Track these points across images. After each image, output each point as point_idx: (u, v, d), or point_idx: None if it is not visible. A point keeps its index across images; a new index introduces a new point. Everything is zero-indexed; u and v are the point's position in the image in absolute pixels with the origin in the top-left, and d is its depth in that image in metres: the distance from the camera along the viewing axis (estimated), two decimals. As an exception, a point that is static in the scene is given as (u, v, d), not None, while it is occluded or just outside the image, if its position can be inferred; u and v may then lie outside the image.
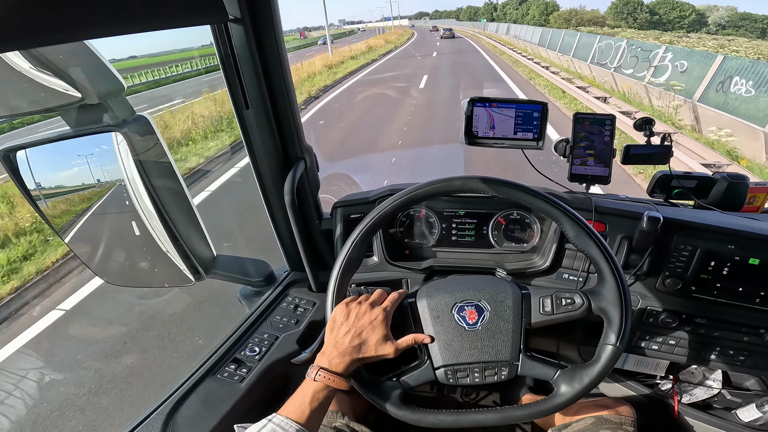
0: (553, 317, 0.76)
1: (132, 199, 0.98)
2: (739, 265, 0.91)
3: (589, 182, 1.07)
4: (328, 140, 6.90)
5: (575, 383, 0.71)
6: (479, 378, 0.75)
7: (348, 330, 0.74)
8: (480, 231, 1.17)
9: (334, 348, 0.73)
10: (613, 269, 0.73)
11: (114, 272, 1.16)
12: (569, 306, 0.75)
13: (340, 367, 0.71)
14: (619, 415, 0.94)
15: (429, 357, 0.77)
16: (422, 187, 0.79)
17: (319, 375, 0.70)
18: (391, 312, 0.78)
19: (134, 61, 18.35)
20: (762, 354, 0.99)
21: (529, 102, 1.06)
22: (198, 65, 17.81)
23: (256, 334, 1.10)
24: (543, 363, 0.74)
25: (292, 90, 1.01)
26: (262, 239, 2.99)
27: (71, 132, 0.85)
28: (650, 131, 1.06)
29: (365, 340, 0.73)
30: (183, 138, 7.51)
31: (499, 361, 0.75)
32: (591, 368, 0.71)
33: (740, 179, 1.12)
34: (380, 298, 0.80)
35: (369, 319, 0.75)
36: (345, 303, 0.78)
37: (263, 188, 1.11)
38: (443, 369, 0.76)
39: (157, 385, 2.54)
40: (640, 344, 1.06)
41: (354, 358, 0.72)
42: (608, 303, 0.73)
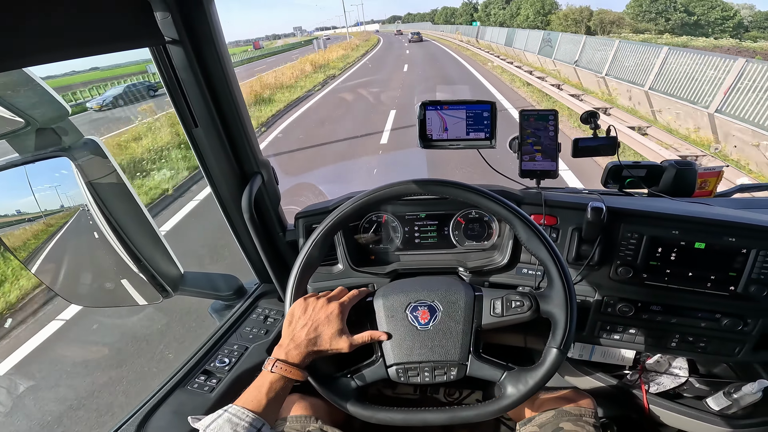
0: (502, 319, 0.77)
1: (95, 221, 0.99)
2: (686, 250, 0.93)
3: (539, 177, 1.09)
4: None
5: (520, 385, 0.72)
6: (429, 377, 0.76)
7: (305, 324, 0.76)
8: (441, 232, 1.18)
9: (291, 341, 0.75)
10: (560, 272, 0.74)
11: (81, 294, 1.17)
12: (518, 309, 0.76)
13: (297, 359, 0.73)
14: (579, 407, 0.95)
15: (382, 355, 0.78)
16: (379, 189, 0.81)
17: (276, 366, 0.72)
18: (348, 308, 0.80)
19: (76, 77, 17.40)
20: (722, 339, 0.99)
21: (477, 102, 1.09)
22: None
23: (225, 345, 1.12)
24: (491, 365, 0.75)
25: (243, 105, 1.03)
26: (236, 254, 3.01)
27: (20, 159, 0.85)
28: (596, 124, 1.08)
29: (320, 333, 0.75)
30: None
31: (448, 361, 0.76)
32: (536, 371, 0.72)
33: (687, 165, 1.14)
34: (339, 294, 0.82)
35: (325, 314, 0.76)
36: (304, 298, 0.80)
37: (222, 205, 1.13)
38: (395, 367, 0.77)
39: (121, 398, 2.56)
40: (602, 335, 1.06)
41: (309, 351, 0.74)
42: (555, 306, 0.74)
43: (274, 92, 13.89)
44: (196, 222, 5.02)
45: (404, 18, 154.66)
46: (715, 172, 1.19)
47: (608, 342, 1.06)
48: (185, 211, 5.30)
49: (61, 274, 1.13)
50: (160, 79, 0.92)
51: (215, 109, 0.97)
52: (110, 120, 11.26)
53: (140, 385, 2.66)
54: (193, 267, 1.20)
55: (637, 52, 8.89)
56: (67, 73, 16.24)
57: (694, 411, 1.06)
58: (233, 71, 0.97)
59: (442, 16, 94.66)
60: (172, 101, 0.93)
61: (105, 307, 2.59)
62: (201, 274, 1.28)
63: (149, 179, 6.37)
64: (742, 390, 0.96)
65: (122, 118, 10.72)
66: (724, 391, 1.02)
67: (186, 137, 1.00)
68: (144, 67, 16.38)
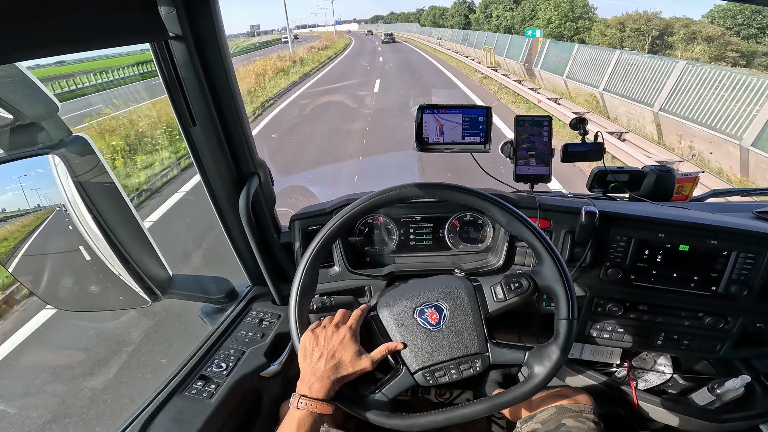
0: (507, 302, 0.78)
1: (76, 222, 0.94)
2: (671, 252, 0.98)
3: (533, 181, 1.12)
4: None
5: (546, 361, 0.73)
6: (456, 374, 0.77)
7: (321, 354, 0.75)
8: (437, 234, 1.19)
9: (311, 374, 0.73)
10: (546, 246, 0.76)
11: (63, 298, 1.12)
12: (519, 289, 0.77)
13: (321, 392, 0.72)
14: (578, 403, 0.98)
15: (404, 364, 0.78)
16: (359, 204, 0.82)
17: (302, 403, 0.71)
18: (358, 328, 0.79)
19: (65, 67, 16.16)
20: (704, 337, 1.04)
21: (474, 107, 1.11)
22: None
23: (221, 350, 1.09)
24: (511, 348, 0.77)
25: (241, 104, 1.01)
26: (225, 256, 2.88)
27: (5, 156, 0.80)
28: (584, 130, 1.11)
29: (340, 360, 0.74)
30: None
31: (471, 354, 0.76)
32: (555, 344, 0.74)
33: (666, 171, 1.20)
34: (343, 317, 0.81)
35: (338, 339, 0.76)
36: (310, 330, 0.78)
37: (217, 206, 1.11)
38: (420, 372, 0.77)
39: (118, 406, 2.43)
40: (592, 333, 1.10)
41: (333, 380, 0.73)
42: (550, 280, 0.76)
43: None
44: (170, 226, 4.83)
45: (387, 18, 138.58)
46: (692, 178, 1.26)
47: (598, 340, 1.10)
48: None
49: (41, 275, 1.06)
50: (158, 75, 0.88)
51: (215, 108, 0.95)
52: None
53: (132, 392, 2.54)
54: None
55: None
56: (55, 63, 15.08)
57: (679, 406, 1.10)
58: (233, 69, 0.95)
59: (430, 16, 75.33)
60: (170, 99, 0.91)
61: (88, 311, 2.44)
62: (190, 276, 1.25)
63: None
64: (725, 385, 1.01)
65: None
66: (708, 387, 1.06)
67: (182, 136, 0.97)
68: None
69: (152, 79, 12.51)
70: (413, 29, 58.70)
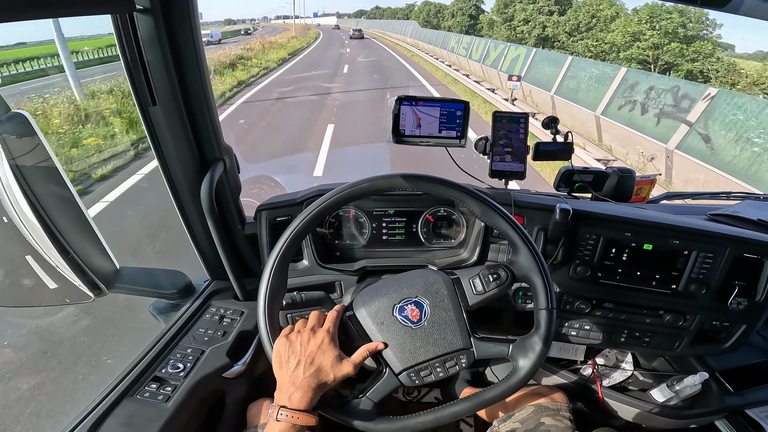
0: (486, 295, 0.77)
1: (9, 208, 0.82)
2: (636, 251, 1.01)
3: (508, 178, 1.12)
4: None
5: (530, 353, 0.73)
6: (442, 372, 0.75)
7: (298, 361, 0.70)
8: (410, 229, 1.17)
9: (290, 384, 0.68)
10: (521, 236, 0.76)
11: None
12: (497, 281, 0.76)
13: (303, 402, 0.66)
14: (555, 401, 1.00)
15: (387, 365, 0.75)
16: (333, 195, 0.77)
17: (282, 414, 0.65)
18: (335, 331, 0.75)
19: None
20: (663, 334, 1.09)
21: (452, 101, 1.09)
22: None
23: (177, 349, 1.02)
24: (495, 342, 0.76)
25: (209, 85, 0.95)
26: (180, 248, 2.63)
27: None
28: (556, 129, 1.13)
29: (319, 366, 0.69)
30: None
31: (455, 350, 0.75)
32: (537, 335, 0.74)
33: (628, 173, 1.25)
34: (319, 320, 0.76)
35: (316, 344, 0.71)
36: (284, 336, 0.73)
37: (176, 193, 1.02)
38: (405, 372, 0.74)
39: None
40: (561, 330, 1.13)
41: (314, 388, 0.68)
42: (527, 270, 0.76)
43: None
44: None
45: (370, 13, 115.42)
46: (650, 180, 1.33)
47: (566, 337, 1.13)
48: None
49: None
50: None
51: (179, 87, 0.88)
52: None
53: (72, 396, 2.31)
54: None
55: None
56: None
57: (641, 402, 1.15)
58: (203, 48, 0.89)
59: (422, 14, 59.01)
60: (128, 75, 0.83)
61: (21, 307, 2.15)
62: (140, 269, 1.14)
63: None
64: (683, 382, 1.06)
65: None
66: (666, 384, 1.12)
67: (140, 115, 0.87)
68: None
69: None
70: (408, 30, 36.17)
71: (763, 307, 1.00)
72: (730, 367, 1.12)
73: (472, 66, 16.02)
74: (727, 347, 1.07)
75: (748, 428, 1.08)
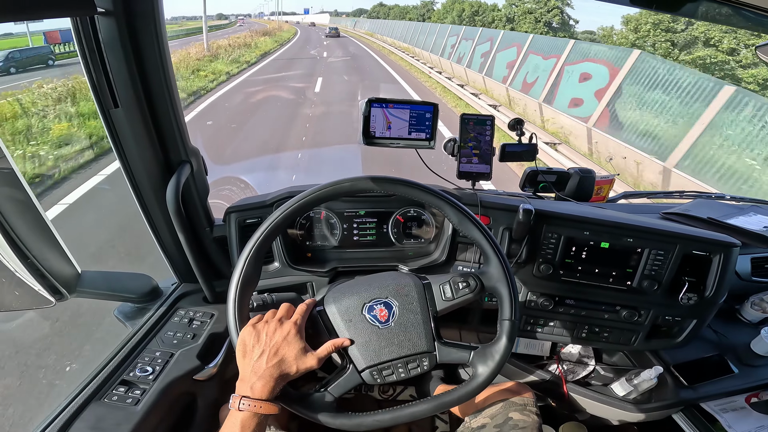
0: (455, 302, 0.80)
1: None
2: (594, 249, 1.07)
3: (475, 179, 1.15)
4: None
5: (489, 361, 0.76)
6: (404, 372, 0.77)
7: (262, 351, 0.71)
8: (380, 230, 1.19)
9: (252, 373, 0.69)
10: (493, 248, 0.79)
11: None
12: (466, 289, 0.80)
13: (264, 392, 0.67)
14: (522, 397, 1.04)
15: (351, 361, 0.77)
16: (306, 195, 0.79)
17: (243, 404, 0.66)
18: (303, 324, 0.76)
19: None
20: (620, 329, 1.15)
21: (422, 103, 1.11)
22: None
23: (145, 352, 1.02)
24: (457, 347, 0.78)
25: (174, 87, 0.95)
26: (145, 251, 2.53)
27: None
28: (521, 131, 1.17)
29: (283, 357, 0.70)
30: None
31: (418, 353, 0.77)
32: (498, 344, 0.77)
33: (588, 173, 1.31)
34: (288, 312, 0.77)
35: (282, 335, 0.72)
36: (251, 325, 0.74)
37: (140, 196, 1.02)
38: (368, 370, 0.76)
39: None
40: (527, 328, 1.18)
41: (276, 378, 0.69)
42: (496, 281, 0.79)
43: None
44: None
45: (372, 11, 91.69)
46: (609, 180, 1.39)
47: (532, 334, 1.18)
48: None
49: None
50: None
51: (143, 89, 0.88)
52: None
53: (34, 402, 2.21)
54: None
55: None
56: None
57: (602, 396, 1.21)
58: (168, 49, 0.89)
59: (452, 14, 42.96)
60: (88, 77, 0.83)
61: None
62: (104, 273, 1.13)
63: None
64: (640, 376, 1.12)
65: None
66: (625, 378, 1.18)
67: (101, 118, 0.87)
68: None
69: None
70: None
71: (711, 302, 1.07)
72: (684, 361, 1.19)
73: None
74: (679, 341, 1.13)
75: (704, 421, 1.13)
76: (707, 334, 1.27)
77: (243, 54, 19.30)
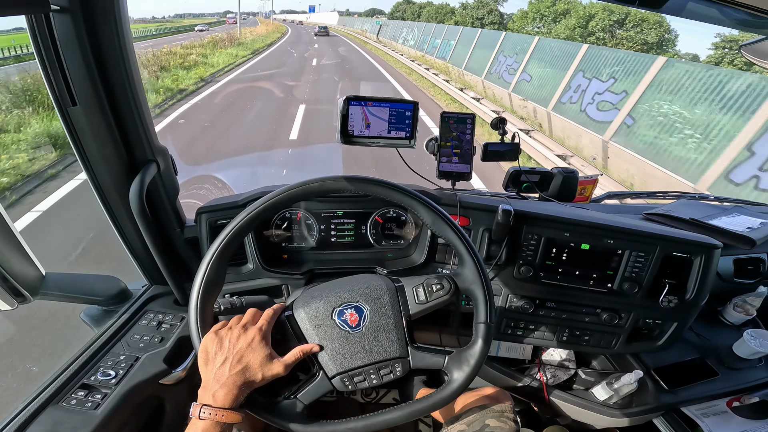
0: (428, 305, 0.78)
1: None
2: (574, 251, 1.06)
3: (455, 179, 1.14)
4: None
5: (464, 366, 0.74)
6: (376, 379, 0.75)
7: (225, 358, 0.69)
8: (359, 231, 1.16)
9: (215, 381, 0.67)
10: (468, 249, 0.77)
11: None
12: (440, 291, 0.78)
13: (227, 400, 0.66)
14: (500, 403, 1.03)
15: (321, 368, 0.75)
16: (276, 195, 0.76)
17: (204, 412, 0.64)
18: (269, 330, 0.74)
19: None
20: (601, 332, 1.14)
21: (401, 101, 1.09)
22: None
23: (108, 356, 0.99)
24: (431, 352, 0.77)
25: (139, 84, 0.92)
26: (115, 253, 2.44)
27: None
28: (503, 130, 1.15)
29: (247, 364, 0.69)
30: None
31: (391, 358, 0.75)
32: (473, 348, 0.75)
33: (571, 173, 1.29)
34: (253, 318, 0.75)
35: (246, 342, 0.70)
36: (214, 331, 0.72)
37: (102, 196, 0.99)
38: (339, 377, 0.74)
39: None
40: (508, 331, 1.17)
41: (240, 386, 0.67)
42: (471, 282, 0.78)
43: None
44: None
45: (393, 11, 72.79)
46: (592, 180, 1.37)
47: (513, 337, 1.16)
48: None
49: None
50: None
51: (102, 87, 0.85)
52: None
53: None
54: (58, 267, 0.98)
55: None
56: None
57: (584, 401, 1.19)
58: (132, 45, 0.86)
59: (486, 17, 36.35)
60: (44, 75, 0.80)
61: None
62: (69, 275, 1.09)
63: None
64: (621, 380, 1.11)
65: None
66: (606, 382, 1.17)
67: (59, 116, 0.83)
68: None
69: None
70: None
71: (693, 304, 1.07)
72: (665, 364, 1.18)
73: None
74: (660, 344, 1.12)
75: (685, 427, 1.11)
76: (689, 337, 1.26)
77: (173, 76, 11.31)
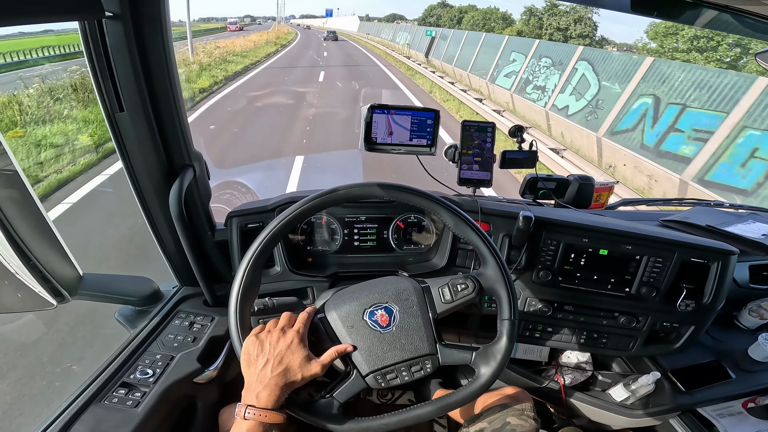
0: (454, 304, 0.81)
1: None
2: (593, 256, 1.09)
3: (475, 186, 1.17)
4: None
5: (491, 362, 0.77)
6: (407, 376, 0.79)
7: (267, 360, 0.72)
8: (381, 235, 1.20)
9: (258, 382, 0.71)
10: (490, 250, 0.81)
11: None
12: (465, 291, 0.81)
13: (270, 401, 0.69)
14: (520, 402, 1.06)
15: (355, 367, 0.78)
16: (307, 201, 0.80)
17: (249, 413, 0.68)
18: (305, 332, 0.78)
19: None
20: (618, 335, 1.17)
21: (423, 109, 1.13)
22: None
23: (145, 355, 1.03)
24: (459, 348, 0.80)
25: (179, 91, 0.97)
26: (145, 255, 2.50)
27: None
28: (522, 138, 1.18)
29: (288, 366, 0.72)
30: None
31: (421, 355, 0.78)
32: (498, 344, 0.78)
33: (587, 180, 1.33)
34: (290, 321, 0.78)
35: (285, 344, 0.73)
36: (254, 335, 0.75)
37: (143, 200, 1.04)
38: (372, 375, 0.77)
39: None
40: (525, 333, 1.20)
41: (282, 387, 0.71)
42: (494, 282, 0.81)
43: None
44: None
45: (425, 16, 63.03)
46: (608, 187, 1.40)
47: (531, 339, 1.19)
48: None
49: None
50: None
51: (148, 93, 0.90)
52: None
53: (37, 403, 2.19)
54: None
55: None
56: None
57: (600, 402, 1.22)
58: (174, 54, 0.91)
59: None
60: (94, 80, 0.84)
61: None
62: (105, 276, 1.14)
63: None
64: (638, 382, 1.14)
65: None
66: (623, 383, 1.20)
67: (106, 121, 0.89)
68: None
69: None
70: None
71: (709, 309, 1.10)
72: (682, 366, 1.20)
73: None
74: (677, 347, 1.15)
75: (701, 426, 1.14)
76: (705, 340, 1.29)
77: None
